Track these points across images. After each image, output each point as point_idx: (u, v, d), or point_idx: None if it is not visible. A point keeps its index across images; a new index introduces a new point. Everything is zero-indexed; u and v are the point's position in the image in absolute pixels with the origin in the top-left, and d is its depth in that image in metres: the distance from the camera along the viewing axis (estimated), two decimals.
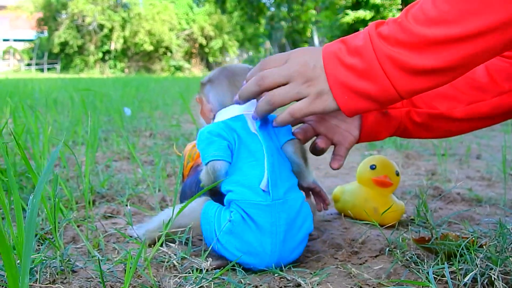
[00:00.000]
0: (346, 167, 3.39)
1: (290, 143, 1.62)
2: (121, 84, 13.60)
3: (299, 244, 1.56)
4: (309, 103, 1.36)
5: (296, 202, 1.56)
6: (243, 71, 1.73)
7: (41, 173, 2.12)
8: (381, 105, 1.34)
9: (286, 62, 1.40)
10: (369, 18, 22.63)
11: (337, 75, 1.31)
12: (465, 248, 1.44)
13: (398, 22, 1.27)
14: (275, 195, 1.51)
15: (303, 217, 1.56)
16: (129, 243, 1.78)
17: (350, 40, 1.34)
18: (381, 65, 1.26)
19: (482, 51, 1.22)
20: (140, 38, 45.71)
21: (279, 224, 1.50)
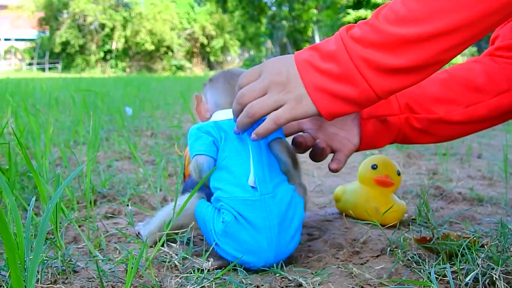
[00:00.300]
0: (347, 167, 3.38)
1: (276, 141, 1.64)
2: (122, 83, 13.62)
3: (294, 235, 1.57)
4: (290, 108, 1.36)
5: (286, 194, 1.57)
6: (239, 73, 1.74)
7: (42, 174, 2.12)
8: (360, 107, 1.34)
9: (260, 75, 1.41)
10: None
11: (313, 81, 1.32)
12: (466, 248, 1.44)
13: (369, 24, 1.28)
14: (264, 190, 1.53)
15: (294, 207, 1.58)
16: (130, 243, 1.78)
17: (321, 46, 1.36)
18: (357, 67, 1.27)
19: (452, 47, 1.24)
20: (142, 37, 45.73)
21: (271, 218, 1.51)
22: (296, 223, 1.58)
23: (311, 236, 1.92)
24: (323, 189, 2.76)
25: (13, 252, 1.03)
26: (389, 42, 1.24)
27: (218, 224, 1.52)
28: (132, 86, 11.38)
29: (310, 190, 2.72)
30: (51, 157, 2.88)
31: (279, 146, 1.63)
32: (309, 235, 1.93)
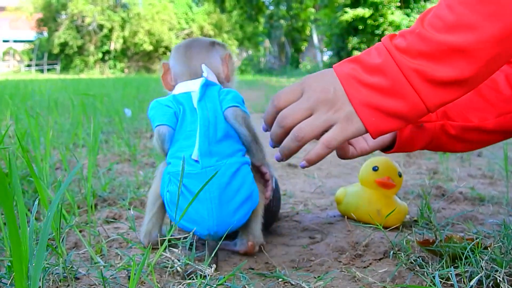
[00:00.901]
0: (348, 167, 3.38)
1: (229, 110, 1.66)
2: (121, 84, 13.61)
3: (239, 207, 1.62)
4: (341, 129, 1.27)
5: (230, 167, 1.61)
6: (198, 44, 1.84)
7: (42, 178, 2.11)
8: (408, 122, 1.27)
9: (302, 93, 1.32)
10: (368, 16, 22.59)
11: (360, 97, 1.24)
12: (470, 250, 1.43)
13: (415, 33, 1.21)
14: (205, 163, 1.59)
15: (240, 181, 1.61)
16: (132, 249, 1.77)
17: (363, 58, 1.28)
18: (408, 80, 1.20)
19: (505, 53, 1.18)
20: (140, 38, 45.68)
21: (211, 190, 1.57)
22: (242, 195, 1.62)
23: (313, 239, 1.91)
24: (324, 190, 2.75)
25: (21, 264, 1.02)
26: (440, 51, 1.17)
27: (166, 193, 1.65)
28: (131, 87, 11.38)
29: (310, 191, 2.72)
30: (51, 161, 2.87)
31: (234, 114, 1.66)
32: (311, 238, 1.93)
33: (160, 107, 1.73)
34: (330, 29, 24.88)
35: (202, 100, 1.68)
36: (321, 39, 33.77)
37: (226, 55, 1.84)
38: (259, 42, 47.51)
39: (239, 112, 1.66)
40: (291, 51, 39.83)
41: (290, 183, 2.90)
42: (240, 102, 1.70)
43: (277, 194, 1.97)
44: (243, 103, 1.71)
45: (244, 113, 1.68)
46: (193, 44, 1.84)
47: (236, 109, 1.66)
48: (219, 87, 1.73)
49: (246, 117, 1.68)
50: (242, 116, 1.66)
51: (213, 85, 1.72)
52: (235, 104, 1.67)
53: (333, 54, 25.61)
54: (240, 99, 1.71)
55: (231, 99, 1.68)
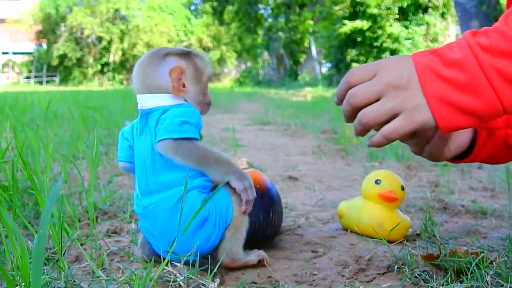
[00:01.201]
0: (348, 180, 3.38)
1: (158, 145, 1.62)
2: (120, 96, 13.60)
3: (196, 231, 1.62)
4: (404, 120, 1.24)
5: (171, 200, 1.61)
6: (151, 56, 1.77)
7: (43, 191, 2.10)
8: (479, 121, 1.23)
9: (375, 74, 1.29)
10: (366, 28, 22.63)
11: (434, 89, 1.21)
12: (475, 264, 1.42)
13: (499, 31, 1.18)
14: (146, 202, 1.65)
15: (187, 209, 1.58)
16: (134, 262, 1.76)
17: (443, 51, 1.24)
18: (488, 77, 1.17)
19: None
20: (139, 50, 45.67)
21: (157, 226, 1.64)
22: (196, 221, 1.61)
23: (315, 253, 1.90)
24: (325, 203, 2.74)
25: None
26: None
27: None
28: (130, 99, 11.35)
29: (312, 204, 2.71)
30: (51, 173, 2.87)
31: (162, 148, 1.61)
32: (313, 252, 1.91)
33: (121, 139, 1.79)
34: (328, 41, 24.91)
35: (143, 133, 1.69)
36: (319, 51, 33.79)
37: (173, 68, 1.72)
38: (257, 54, 47.53)
39: (168, 144, 1.59)
40: (289, 63, 39.83)
41: (291, 196, 2.89)
42: (175, 127, 1.60)
43: (278, 207, 1.96)
44: (183, 124, 1.62)
45: (177, 141, 1.60)
46: (147, 57, 1.79)
47: (164, 143, 1.60)
48: (161, 111, 1.67)
49: (179, 145, 1.60)
50: (172, 147, 1.59)
51: (154, 111, 1.68)
52: (164, 137, 1.60)
53: (332, 66, 25.63)
54: (176, 123, 1.61)
55: (164, 128, 1.61)
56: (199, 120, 1.67)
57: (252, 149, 4.91)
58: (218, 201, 1.65)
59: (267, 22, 42.22)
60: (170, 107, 1.67)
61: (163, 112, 1.66)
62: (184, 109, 1.66)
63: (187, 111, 1.66)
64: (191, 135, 1.61)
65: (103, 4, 45.29)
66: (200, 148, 1.62)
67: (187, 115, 1.64)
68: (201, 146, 1.63)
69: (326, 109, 9.32)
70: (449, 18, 24.08)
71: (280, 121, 7.62)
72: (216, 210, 1.64)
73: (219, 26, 46.61)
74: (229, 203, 1.66)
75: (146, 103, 1.70)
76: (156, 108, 1.68)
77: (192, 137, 1.61)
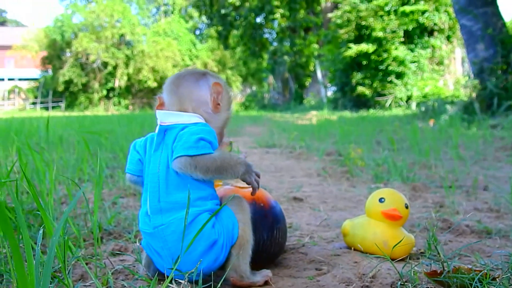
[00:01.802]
0: (353, 200, 3.37)
1: (174, 163, 1.63)
2: (125, 121, 13.64)
3: (206, 252, 1.63)
4: None
5: (181, 223, 1.61)
6: (188, 73, 1.84)
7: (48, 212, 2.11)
8: None
9: None
10: (371, 51, 22.64)
11: None
12: (478, 281, 1.42)
13: None
14: (156, 221, 1.64)
15: (199, 230, 1.57)
16: (138, 280, 1.76)
17: None
18: None
19: None
20: (144, 75, 45.75)
21: (168, 247, 1.63)
22: (205, 242, 1.62)
23: (319, 270, 1.90)
24: (330, 223, 2.74)
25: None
26: None
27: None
28: (135, 123, 11.39)
29: (316, 224, 2.71)
30: (57, 195, 2.88)
31: (178, 165, 1.62)
32: (317, 269, 1.92)
33: (132, 151, 1.80)
34: (334, 64, 24.92)
35: (159, 149, 1.70)
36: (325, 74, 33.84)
37: (213, 83, 1.80)
38: (263, 78, 47.61)
39: (185, 161, 1.61)
40: (295, 87, 39.85)
41: (296, 216, 2.89)
42: (192, 144, 1.62)
43: (282, 225, 1.97)
44: (199, 140, 1.64)
45: (194, 157, 1.61)
46: (183, 74, 1.84)
47: (181, 160, 1.61)
48: (180, 128, 1.69)
49: (197, 162, 1.61)
50: (190, 164, 1.61)
51: (172, 128, 1.71)
52: (181, 153, 1.61)
53: (337, 89, 25.61)
54: (193, 140, 1.63)
55: (181, 146, 1.63)
56: (215, 140, 1.70)
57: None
58: (225, 221, 1.66)
59: (272, 46, 42.29)
60: (188, 125, 1.69)
61: (181, 129, 1.68)
62: (202, 128, 1.69)
63: (204, 129, 1.68)
64: (207, 151, 1.63)
65: (108, 30, 45.42)
66: (216, 159, 1.64)
67: (204, 133, 1.66)
68: (216, 157, 1.65)
69: (331, 132, 9.33)
70: (455, 41, 24.09)
71: (285, 144, 7.62)
72: (224, 231, 1.64)
73: (224, 50, 46.71)
74: (235, 222, 1.67)
75: (166, 119, 1.72)
76: (175, 126, 1.70)
77: (208, 152, 1.63)
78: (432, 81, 22.29)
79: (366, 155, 5.58)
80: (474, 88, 12.73)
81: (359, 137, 7.91)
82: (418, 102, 19.89)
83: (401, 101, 21.72)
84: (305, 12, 36.91)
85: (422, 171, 4.60)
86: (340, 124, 10.89)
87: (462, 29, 13.50)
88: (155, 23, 51.31)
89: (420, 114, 14.45)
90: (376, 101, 22.11)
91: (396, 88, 22.04)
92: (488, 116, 10.78)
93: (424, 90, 21.40)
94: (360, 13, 23.27)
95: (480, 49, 12.80)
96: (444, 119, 11.31)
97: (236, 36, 41.16)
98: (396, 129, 9.47)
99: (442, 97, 18.78)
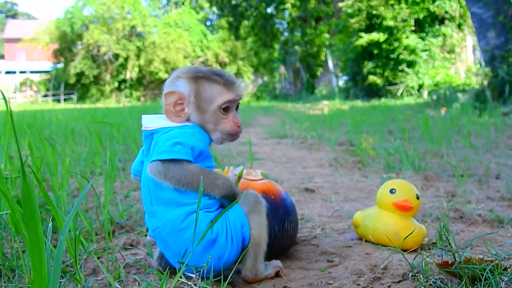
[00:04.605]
0: (365, 191, 3.37)
1: (148, 168, 1.61)
2: (137, 112, 13.65)
3: (210, 245, 1.63)
4: None
5: (175, 224, 1.62)
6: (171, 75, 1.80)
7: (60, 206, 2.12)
8: None
9: None
10: (382, 40, 22.55)
11: None
12: (489, 271, 1.42)
13: None
14: (153, 224, 1.65)
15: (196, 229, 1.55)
16: (150, 274, 1.77)
17: None
18: None
19: None
20: (155, 66, 45.73)
21: (170, 247, 1.64)
22: (205, 239, 1.61)
23: (331, 262, 1.90)
24: (341, 214, 2.74)
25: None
26: None
27: None
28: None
29: (328, 215, 2.71)
30: (69, 189, 2.88)
31: (150, 171, 1.60)
32: (329, 261, 1.91)
33: (139, 153, 1.82)
34: (345, 54, 24.84)
35: (149, 153, 1.70)
36: (336, 64, 33.72)
37: (168, 92, 1.73)
38: (274, 68, 47.53)
39: (155, 167, 1.58)
40: (306, 77, 39.75)
41: (307, 208, 2.89)
42: (166, 148, 1.59)
43: (293, 217, 1.96)
44: (175, 145, 1.59)
45: (165, 164, 1.58)
46: (167, 79, 1.80)
47: (153, 165, 1.59)
48: (162, 132, 1.67)
49: (167, 169, 1.58)
50: (159, 170, 1.58)
51: (157, 132, 1.69)
52: (154, 158, 1.59)
53: (349, 79, 25.55)
54: (168, 144, 1.59)
55: (157, 150, 1.61)
56: (199, 141, 1.65)
57: (269, 162, 4.91)
58: (231, 220, 1.65)
59: (283, 36, 42.22)
60: (173, 128, 1.67)
61: (164, 133, 1.66)
62: (184, 131, 1.65)
63: (186, 132, 1.65)
64: (181, 156, 1.58)
65: (119, 22, 45.43)
66: (190, 172, 1.59)
67: (184, 136, 1.62)
68: (192, 170, 1.60)
69: (343, 122, 9.31)
70: (466, 29, 23.99)
71: (297, 134, 7.61)
72: (227, 230, 1.63)
73: (235, 41, 46.67)
74: (245, 221, 1.66)
75: (150, 124, 1.71)
76: (160, 129, 1.69)
77: (182, 158, 1.58)
78: (444, 70, 22.21)
79: (378, 145, 5.57)
80: (485, 76, 12.67)
81: (371, 126, 7.90)
82: (429, 90, 19.84)
83: (412, 89, 21.66)
84: (316, 2, 36.80)
85: (434, 160, 4.59)
86: (352, 114, 10.87)
87: (473, 17, 13.44)
88: (165, 14, 51.28)
89: (431, 102, 14.41)
90: (388, 90, 22.07)
91: (407, 77, 21.98)
92: (500, 103, 10.73)
93: (435, 79, 21.32)
94: (371, 2, 23.18)
95: (491, 36, 12.74)
96: (456, 107, 11.28)
97: (247, 26, 41.11)
98: (407, 118, 9.44)
99: (453, 85, 18.72)
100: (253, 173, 2.06)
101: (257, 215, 1.68)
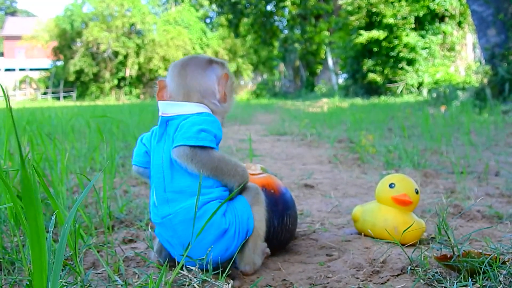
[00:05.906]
0: (364, 187, 3.37)
1: (173, 151, 1.61)
2: (137, 110, 13.65)
3: (217, 238, 1.63)
4: None
5: (189, 212, 1.60)
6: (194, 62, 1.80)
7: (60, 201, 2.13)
8: None
9: None
10: (382, 38, 22.55)
11: None
12: (488, 265, 1.42)
13: None
14: (163, 211, 1.64)
15: (207, 220, 1.56)
16: (149, 267, 1.77)
17: None
18: None
19: None
20: (155, 64, 45.72)
21: (177, 236, 1.63)
22: (215, 231, 1.62)
23: (330, 256, 1.91)
24: (341, 209, 2.74)
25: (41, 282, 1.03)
26: None
27: None
28: (147, 112, 11.40)
29: (327, 211, 2.71)
30: (68, 184, 2.89)
31: (177, 154, 1.60)
32: (328, 255, 1.92)
33: (139, 144, 1.81)
34: (345, 51, 24.82)
35: (161, 140, 1.69)
36: (336, 62, 33.70)
37: (223, 74, 1.79)
38: (273, 66, 47.49)
39: (183, 151, 1.58)
40: (306, 75, 39.71)
41: (307, 203, 2.89)
42: (192, 134, 1.60)
43: (293, 212, 1.97)
44: (201, 132, 1.61)
45: (192, 148, 1.59)
46: (190, 62, 1.79)
47: (180, 149, 1.59)
48: (181, 119, 1.68)
49: (194, 154, 1.59)
50: (187, 154, 1.58)
51: (174, 119, 1.69)
52: (181, 143, 1.59)
53: (348, 76, 25.54)
54: (194, 131, 1.61)
55: (181, 135, 1.61)
56: (219, 131, 1.67)
57: (268, 158, 4.92)
58: (239, 211, 1.66)
59: (282, 33, 42.21)
60: (191, 115, 1.67)
61: (183, 119, 1.66)
62: (204, 118, 1.67)
63: (207, 120, 1.66)
64: (207, 143, 1.60)
65: (119, 19, 45.41)
66: (216, 158, 1.62)
67: (206, 123, 1.64)
68: (217, 156, 1.63)
69: (343, 119, 9.31)
70: (466, 27, 23.96)
71: (296, 132, 7.61)
72: (236, 221, 1.64)
73: (234, 38, 46.66)
74: (250, 213, 1.67)
75: (168, 110, 1.71)
76: (176, 116, 1.69)
77: (208, 145, 1.60)
78: (443, 67, 22.18)
79: (378, 142, 5.57)
80: (485, 74, 12.67)
81: (370, 124, 7.90)
82: (429, 88, 19.82)
83: (412, 87, 21.64)
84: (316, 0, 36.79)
85: (434, 157, 4.59)
86: (351, 111, 10.87)
87: (473, 15, 13.43)
88: (165, 12, 51.26)
89: (431, 100, 14.41)
90: (387, 88, 22.06)
91: (407, 74, 21.96)
92: (500, 101, 10.74)
93: (435, 77, 21.30)
94: (370, 0, 23.16)
95: (492, 34, 12.74)
96: (456, 105, 11.28)
97: (247, 24, 41.10)
98: (407, 115, 9.45)
99: (453, 83, 18.71)
100: (252, 167, 2.06)
101: (259, 207, 1.70)
